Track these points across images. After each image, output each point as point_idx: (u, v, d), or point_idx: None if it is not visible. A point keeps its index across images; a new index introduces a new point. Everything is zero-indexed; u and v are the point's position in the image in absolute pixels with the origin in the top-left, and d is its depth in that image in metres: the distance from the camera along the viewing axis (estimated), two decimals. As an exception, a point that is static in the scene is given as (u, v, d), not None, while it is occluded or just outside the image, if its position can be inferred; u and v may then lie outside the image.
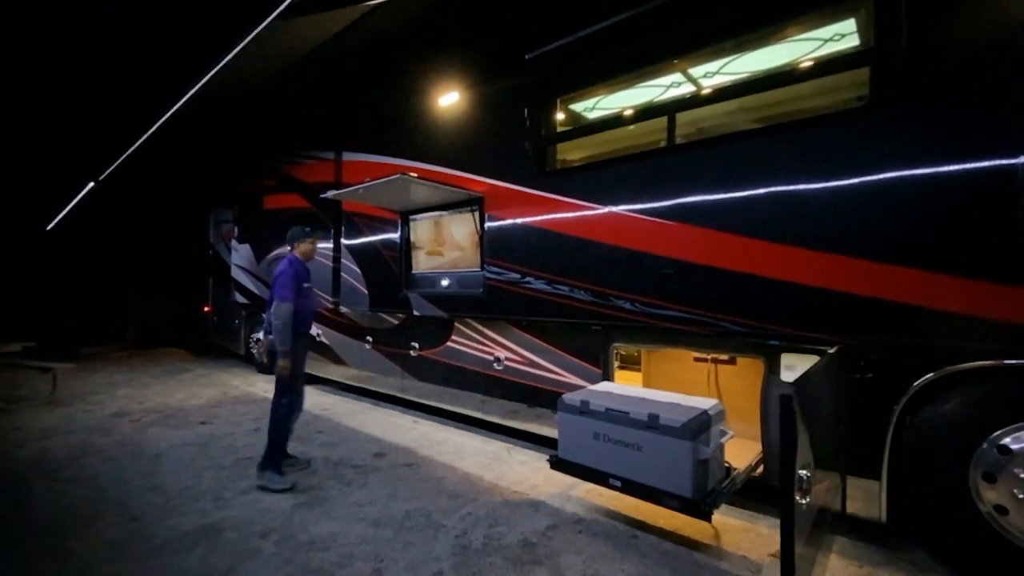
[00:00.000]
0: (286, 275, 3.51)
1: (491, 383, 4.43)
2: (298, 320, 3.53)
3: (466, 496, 3.30)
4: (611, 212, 3.35)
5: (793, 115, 3.02)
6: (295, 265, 3.62)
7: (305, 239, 3.75)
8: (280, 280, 3.50)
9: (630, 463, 2.68)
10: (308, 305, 3.72)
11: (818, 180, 2.58)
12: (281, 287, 3.47)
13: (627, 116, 3.44)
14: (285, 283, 3.48)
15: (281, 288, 3.47)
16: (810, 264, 2.60)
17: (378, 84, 5.00)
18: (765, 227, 2.73)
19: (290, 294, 3.47)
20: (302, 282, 3.61)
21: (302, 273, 3.64)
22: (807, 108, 3.15)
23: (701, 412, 2.64)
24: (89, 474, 3.72)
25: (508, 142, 4.00)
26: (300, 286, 3.57)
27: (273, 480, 3.39)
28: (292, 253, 3.73)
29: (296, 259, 3.69)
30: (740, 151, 2.85)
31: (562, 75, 3.71)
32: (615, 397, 2.95)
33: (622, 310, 3.28)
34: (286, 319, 3.42)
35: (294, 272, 3.55)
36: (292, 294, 3.48)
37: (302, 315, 3.61)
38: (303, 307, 3.61)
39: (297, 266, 3.62)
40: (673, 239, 3.05)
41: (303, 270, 3.67)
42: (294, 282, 3.51)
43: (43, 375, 6.46)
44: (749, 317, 2.81)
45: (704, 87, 3.42)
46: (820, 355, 2.78)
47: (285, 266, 3.58)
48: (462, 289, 4.48)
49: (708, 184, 2.93)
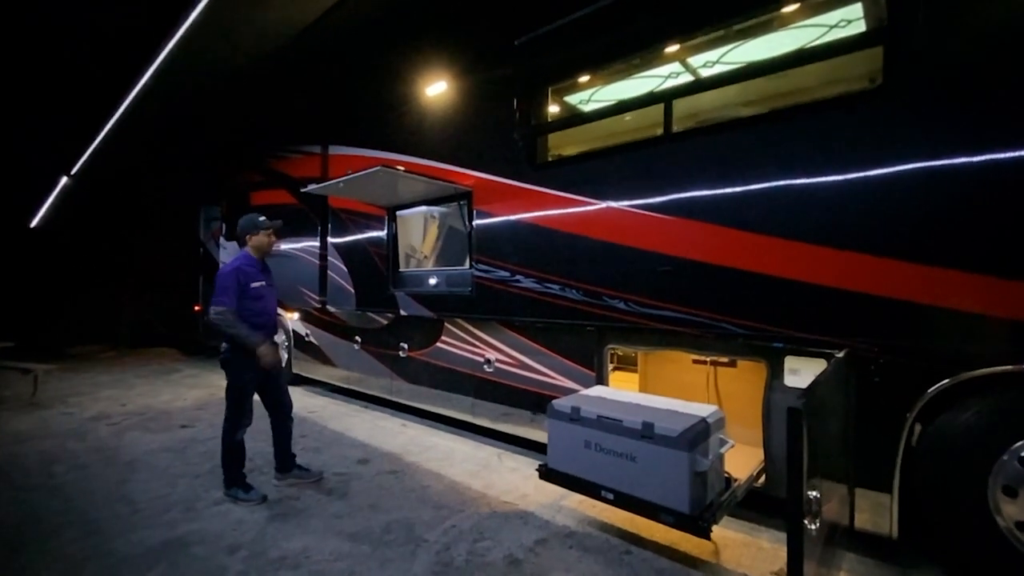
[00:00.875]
0: (225, 277, 3.08)
1: (482, 385, 4.26)
2: (251, 325, 3.11)
3: (451, 507, 3.12)
4: (604, 206, 3.17)
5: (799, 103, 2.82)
6: (240, 262, 3.18)
7: (258, 231, 3.27)
8: (218, 282, 3.08)
9: (623, 474, 2.51)
10: (261, 307, 3.22)
11: (827, 170, 2.39)
12: (218, 290, 3.05)
13: (621, 105, 3.26)
14: (223, 286, 3.05)
15: (218, 292, 3.04)
16: (817, 261, 2.42)
17: (362, 73, 4.81)
18: (769, 222, 2.55)
19: (229, 300, 3.04)
20: (250, 282, 3.15)
21: (251, 273, 3.19)
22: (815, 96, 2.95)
23: (699, 420, 2.47)
24: (57, 483, 3.54)
25: (497, 133, 3.81)
26: (247, 287, 3.12)
27: (239, 495, 3.18)
28: (244, 249, 3.30)
29: (247, 256, 3.26)
30: (742, 140, 2.66)
31: (553, 62, 3.52)
32: (608, 403, 2.77)
33: (617, 310, 3.10)
34: (227, 319, 3.01)
35: (234, 272, 3.10)
36: (232, 300, 3.05)
37: (253, 319, 3.14)
38: (253, 310, 3.16)
39: (244, 264, 3.18)
40: (670, 235, 2.86)
41: (254, 269, 3.22)
42: (235, 285, 3.07)
43: (25, 376, 6.28)
44: (752, 318, 2.63)
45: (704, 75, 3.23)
46: (826, 358, 2.61)
47: (228, 266, 3.16)
48: (450, 288, 4.30)
49: (708, 176, 2.75)
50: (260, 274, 3.28)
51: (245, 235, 3.29)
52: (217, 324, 3.05)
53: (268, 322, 3.31)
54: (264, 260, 3.39)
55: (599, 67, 3.42)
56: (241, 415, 3.21)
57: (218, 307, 3.04)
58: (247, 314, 3.14)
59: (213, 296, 3.08)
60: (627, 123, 3.80)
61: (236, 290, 3.09)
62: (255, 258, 3.31)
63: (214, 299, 3.07)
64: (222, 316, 3.03)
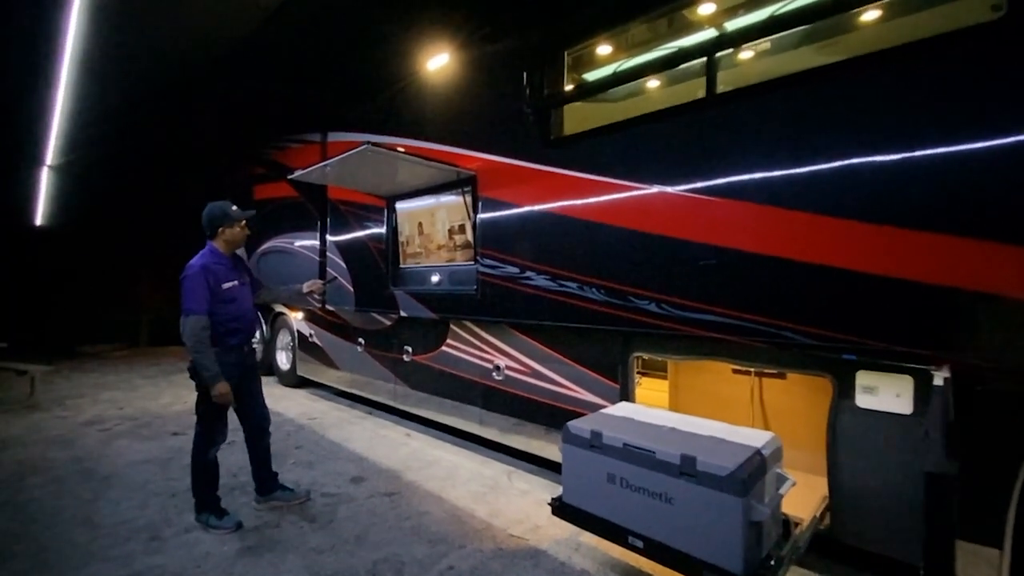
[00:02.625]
0: (192, 279, 2.63)
1: (490, 395, 3.80)
2: (224, 330, 2.72)
3: (451, 541, 2.68)
4: (631, 188, 2.66)
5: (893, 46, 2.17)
6: (206, 259, 2.72)
7: (232, 222, 2.79)
8: (183, 285, 2.63)
9: (656, 519, 2.02)
10: (235, 311, 2.78)
11: (932, 135, 1.84)
12: (185, 295, 2.61)
13: (651, 64, 2.73)
14: (190, 289, 2.61)
15: (185, 297, 2.61)
16: (918, 251, 1.87)
17: (358, 47, 4.39)
18: (851, 202, 2.00)
19: (198, 304, 2.60)
20: (221, 282, 2.71)
21: (221, 271, 2.74)
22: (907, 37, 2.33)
23: (753, 453, 1.96)
24: (24, 499, 3.23)
25: (504, 107, 3.33)
26: (217, 289, 2.69)
27: (211, 522, 2.79)
28: (211, 243, 2.81)
29: (214, 251, 2.79)
30: (812, 98, 2.11)
31: (568, 22, 3.02)
32: (636, 427, 2.28)
33: (646, 313, 2.59)
34: (198, 336, 2.58)
35: (201, 272, 2.65)
36: (202, 304, 2.62)
37: (227, 324, 2.74)
38: (226, 314, 2.74)
39: (210, 262, 2.72)
40: (715, 221, 2.33)
41: (223, 267, 2.78)
42: (204, 287, 2.63)
43: (24, 377, 6.10)
44: (820, 324, 2.10)
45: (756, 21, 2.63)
46: (912, 374, 2.08)
47: (192, 265, 2.68)
48: (453, 286, 3.85)
49: (766, 146, 2.21)
50: (231, 272, 2.82)
51: (216, 227, 2.80)
52: (185, 341, 2.60)
53: (244, 326, 2.88)
54: (235, 255, 2.94)
55: (621, 25, 2.90)
56: (214, 431, 2.81)
57: (188, 315, 2.59)
58: (219, 319, 2.71)
59: (182, 303, 2.63)
60: (656, 89, 3.28)
61: (206, 293, 2.65)
62: (224, 254, 2.84)
63: (183, 306, 2.61)
64: (192, 331, 2.58)
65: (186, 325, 2.60)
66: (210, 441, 2.81)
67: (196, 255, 2.78)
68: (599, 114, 3.02)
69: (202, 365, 2.61)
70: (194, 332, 2.59)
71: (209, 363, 2.62)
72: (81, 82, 4.98)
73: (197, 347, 2.60)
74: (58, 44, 4.21)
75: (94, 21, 3.94)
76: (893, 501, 2.15)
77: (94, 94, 5.29)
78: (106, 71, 4.78)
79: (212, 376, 2.62)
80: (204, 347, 2.61)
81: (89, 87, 5.08)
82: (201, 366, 2.62)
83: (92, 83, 4.99)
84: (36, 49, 4.30)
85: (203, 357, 2.61)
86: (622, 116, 2.80)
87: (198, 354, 2.61)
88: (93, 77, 4.86)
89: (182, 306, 2.64)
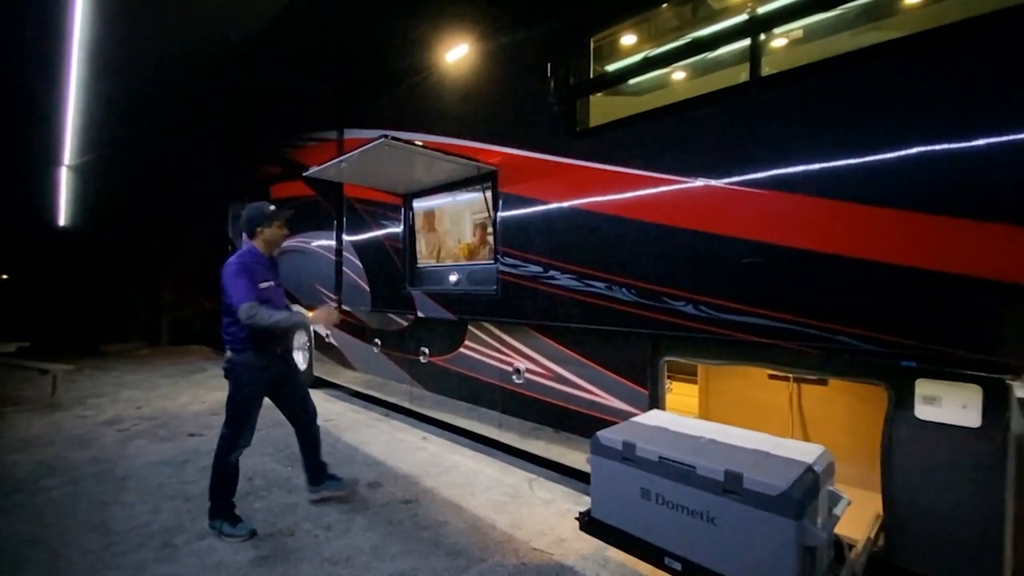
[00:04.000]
0: (233, 275, 2.60)
1: (510, 398, 3.66)
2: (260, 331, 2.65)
3: (470, 553, 2.55)
4: (665, 181, 2.49)
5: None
6: (246, 258, 2.71)
7: (270, 222, 2.77)
8: (228, 282, 2.60)
9: (697, 539, 1.85)
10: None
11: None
12: (231, 291, 2.58)
13: (687, 47, 2.55)
14: (233, 284, 2.58)
15: (231, 293, 2.58)
16: (997, 248, 1.67)
17: (376, 43, 4.30)
18: (920, 193, 1.80)
19: (246, 294, 2.56)
20: (259, 281, 2.68)
21: (259, 271, 2.73)
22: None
23: (805, 469, 1.78)
24: (41, 500, 3.20)
25: (527, 97, 3.18)
26: (255, 286, 2.65)
27: (225, 530, 2.70)
28: (250, 243, 2.79)
29: (253, 251, 2.77)
30: (873, 76, 1.91)
31: (593, 6, 2.87)
32: (672, 438, 2.11)
33: (680, 314, 2.42)
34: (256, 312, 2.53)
35: (242, 268, 2.63)
36: (250, 294, 2.58)
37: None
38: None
39: (251, 261, 2.72)
40: (763, 215, 2.15)
41: (262, 266, 2.76)
42: (247, 280, 2.61)
43: (46, 376, 6.16)
44: (880, 328, 1.91)
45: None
46: (981, 383, 1.88)
47: (232, 262, 2.66)
48: (472, 286, 3.72)
49: (823, 133, 2.02)
50: (268, 272, 2.80)
51: (255, 227, 2.78)
52: (255, 322, 2.54)
53: (274, 342, 2.82)
54: (272, 256, 2.89)
55: (649, 8, 2.73)
56: (240, 434, 2.76)
57: (240, 305, 2.55)
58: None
59: (229, 299, 2.61)
60: (687, 78, 3.10)
61: (250, 284, 2.62)
62: (263, 254, 2.82)
63: (235, 300, 2.58)
64: (249, 312, 2.53)
65: (241, 312, 2.55)
66: (234, 445, 2.75)
67: (234, 254, 2.77)
68: (626, 105, 2.86)
69: (277, 322, 2.58)
70: (250, 312, 2.53)
71: (281, 317, 2.60)
72: (95, 80, 5.00)
73: (269, 315, 2.56)
74: (69, 40, 4.20)
75: (104, 19, 3.91)
76: (958, 523, 1.95)
77: (109, 92, 5.31)
78: (120, 68, 4.78)
79: (294, 322, 2.68)
80: (266, 314, 2.56)
81: (104, 85, 5.10)
82: (278, 324, 2.60)
83: (107, 81, 5.00)
84: (48, 46, 4.30)
85: (269, 319, 2.56)
86: (652, 106, 2.63)
87: (265, 320, 2.54)
88: (107, 75, 4.87)
89: (229, 301, 2.61)
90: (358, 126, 4.84)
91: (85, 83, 5.01)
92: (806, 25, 2.43)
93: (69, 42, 4.24)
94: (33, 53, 4.49)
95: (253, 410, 2.76)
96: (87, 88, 5.15)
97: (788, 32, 2.53)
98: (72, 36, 4.15)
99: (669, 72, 3.12)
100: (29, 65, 4.69)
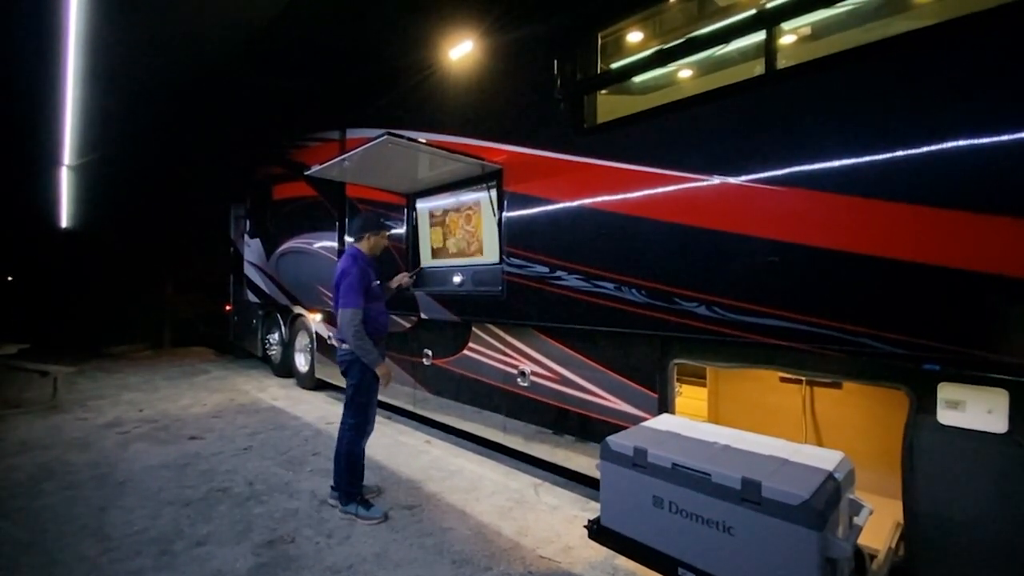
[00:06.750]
0: (351, 276, 2.86)
1: (515, 401, 3.60)
2: (371, 328, 2.92)
3: (476, 562, 2.48)
4: (677, 178, 2.41)
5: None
6: (360, 262, 2.97)
7: (379, 231, 3.10)
8: (345, 283, 2.86)
9: (713, 550, 1.78)
10: (379, 308, 3.07)
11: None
12: (346, 291, 2.84)
13: (701, 40, 2.48)
14: (351, 286, 2.84)
15: (346, 293, 2.84)
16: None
17: (377, 39, 4.24)
18: (952, 189, 1.72)
19: (355, 300, 2.83)
20: (371, 282, 2.98)
21: (371, 273, 3.01)
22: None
23: (825, 477, 1.71)
24: (39, 505, 3.15)
25: (533, 94, 3.12)
26: (369, 287, 2.94)
27: (361, 513, 2.92)
28: (355, 246, 3.07)
29: (360, 254, 3.04)
30: (902, 65, 1.83)
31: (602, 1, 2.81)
32: (685, 444, 2.04)
33: (693, 316, 2.34)
34: (357, 328, 2.82)
35: (360, 271, 2.89)
36: (359, 300, 2.84)
37: (376, 319, 3.00)
38: (376, 311, 3.01)
39: (363, 263, 2.99)
40: (778, 212, 2.07)
41: (370, 267, 3.04)
42: (362, 283, 2.87)
43: (48, 378, 6.13)
44: (904, 330, 1.83)
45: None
46: (1008, 387, 1.80)
47: (348, 264, 2.93)
48: (476, 287, 3.65)
49: (839, 125, 1.95)
50: (374, 273, 3.09)
51: (365, 232, 3.08)
52: (350, 328, 2.81)
53: (385, 321, 3.15)
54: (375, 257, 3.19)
55: (658, 3, 2.66)
56: (368, 420, 3.05)
57: (347, 308, 2.82)
58: (371, 314, 2.94)
59: (341, 297, 2.85)
60: (698, 73, 3.04)
61: (362, 291, 2.89)
62: (368, 256, 3.10)
63: (344, 300, 2.84)
64: (351, 322, 2.82)
65: (344, 317, 2.83)
66: (363, 432, 3.02)
67: (343, 257, 3.03)
68: (635, 101, 2.79)
69: (364, 350, 2.85)
70: (352, 323, 2.82)
71: (369, 347, 2.87)
72: (94, 79, 4.96)
73: (357, 334, 2.83)
74: (69, 40, 4.16)
75: (104, 19, 3.87)
76: (983, 533, 1.87)
77: (108, 92, 5.27)
78: (121, 68, 4.74)
79: (374, 359, 2.90)
80: (363, 334, 2.84)
81: (104, 85, 5.06)
82: (362, 351, 2.85)
83: (107, 81, 4.97)
84: (45, 42, 4.26)
85: (364, 343, 2.85)
86: (661, 102, 2.56)
87: (359, 341, 2.84)
88: (108, 75, 4.84)
89: (342, 299, 2.85)
90: (361, 125, 4.78)
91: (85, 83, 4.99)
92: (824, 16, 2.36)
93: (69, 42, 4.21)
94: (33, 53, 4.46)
95: (375, 397, 3.07)
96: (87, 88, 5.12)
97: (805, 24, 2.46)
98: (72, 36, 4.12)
99: (678, 68, 3.06)
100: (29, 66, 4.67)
